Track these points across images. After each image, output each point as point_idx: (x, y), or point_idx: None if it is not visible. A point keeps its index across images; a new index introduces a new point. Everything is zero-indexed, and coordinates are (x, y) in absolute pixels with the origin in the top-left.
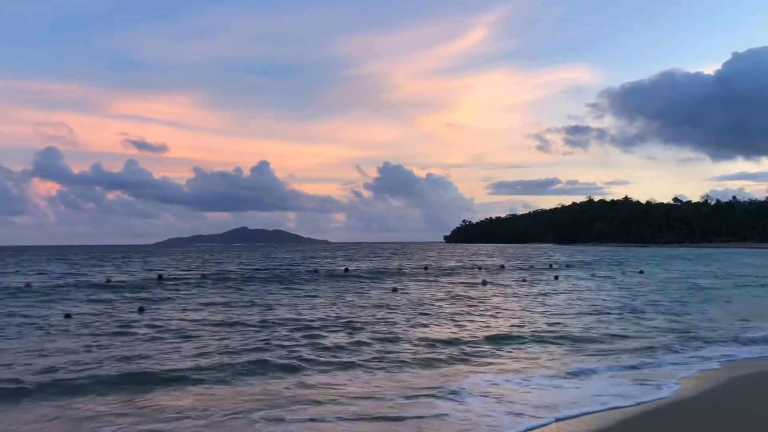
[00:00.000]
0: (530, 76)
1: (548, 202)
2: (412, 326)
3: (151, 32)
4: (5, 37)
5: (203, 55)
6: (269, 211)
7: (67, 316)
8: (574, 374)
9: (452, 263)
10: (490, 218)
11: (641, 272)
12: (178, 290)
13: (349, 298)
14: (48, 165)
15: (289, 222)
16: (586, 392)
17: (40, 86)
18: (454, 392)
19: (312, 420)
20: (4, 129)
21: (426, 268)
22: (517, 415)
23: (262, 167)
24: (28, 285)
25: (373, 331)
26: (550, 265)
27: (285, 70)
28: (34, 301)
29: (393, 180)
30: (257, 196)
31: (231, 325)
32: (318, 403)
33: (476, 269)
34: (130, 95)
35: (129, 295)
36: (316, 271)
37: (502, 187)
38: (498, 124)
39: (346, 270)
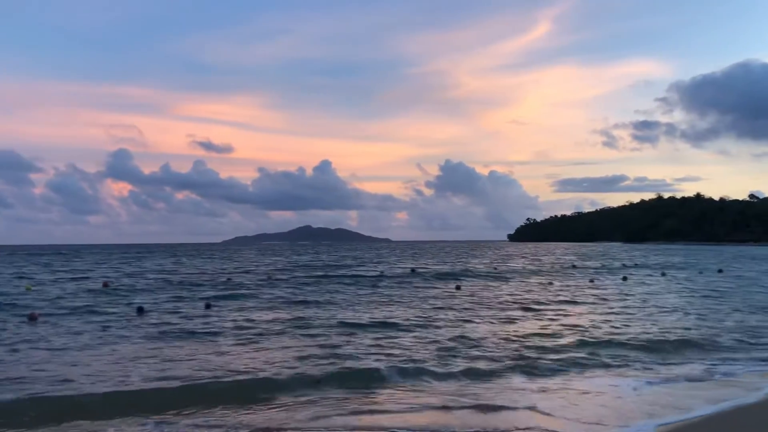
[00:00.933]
0: (596, 71)
1: (616, 199)
2: (483, 329)
3: (218, 35)
4: (79, 43)
5: (267, 57)
6: (331, 210)
7: (140, 309)
8: (652, 381)
9: (520, 262)
10: (556, 216)
11: (720, 271)
12: (246, 289)
13: (415, 300)
14: (120, 166)
15: (351, 220)
16: (666, 399)
17: (111, 89)
18: (532, 402)
19: (370, 430)
20: (79, 132)
21: (495, 268)
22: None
23: (324, 166)
24: (105, 285)
25: (442, 335)
26: (623, 264)
27: (347, 70)
28: (111, 299)
29: (455, 178)
30: (320, 195)
31: (296, 327)
32: (379, 412)
33: (544, 268)
34: (197, 97)
35: (199, 294)
36: (381, 271)
37: (567, 185)
38: (563, 120)
39: (413, 270)
